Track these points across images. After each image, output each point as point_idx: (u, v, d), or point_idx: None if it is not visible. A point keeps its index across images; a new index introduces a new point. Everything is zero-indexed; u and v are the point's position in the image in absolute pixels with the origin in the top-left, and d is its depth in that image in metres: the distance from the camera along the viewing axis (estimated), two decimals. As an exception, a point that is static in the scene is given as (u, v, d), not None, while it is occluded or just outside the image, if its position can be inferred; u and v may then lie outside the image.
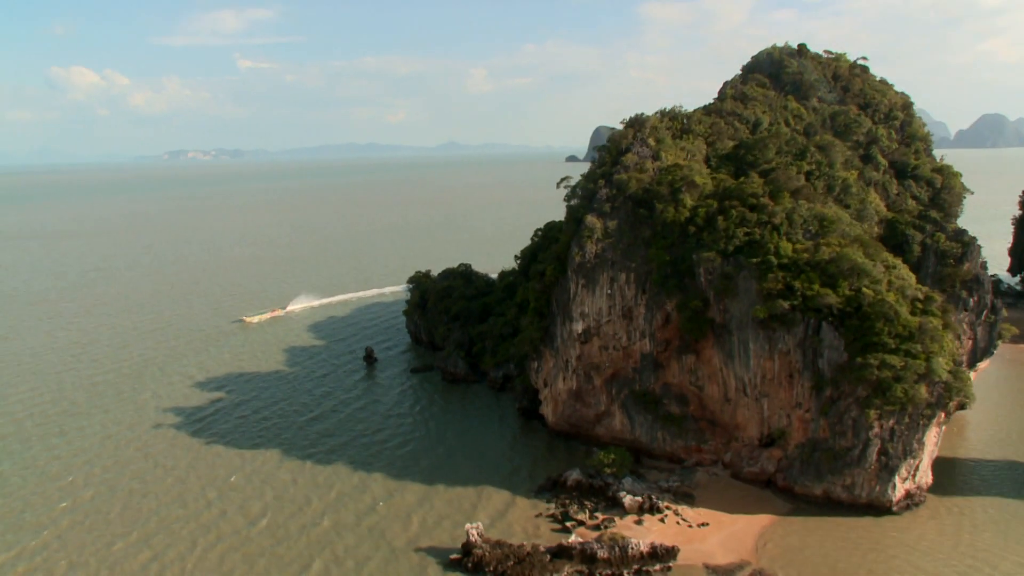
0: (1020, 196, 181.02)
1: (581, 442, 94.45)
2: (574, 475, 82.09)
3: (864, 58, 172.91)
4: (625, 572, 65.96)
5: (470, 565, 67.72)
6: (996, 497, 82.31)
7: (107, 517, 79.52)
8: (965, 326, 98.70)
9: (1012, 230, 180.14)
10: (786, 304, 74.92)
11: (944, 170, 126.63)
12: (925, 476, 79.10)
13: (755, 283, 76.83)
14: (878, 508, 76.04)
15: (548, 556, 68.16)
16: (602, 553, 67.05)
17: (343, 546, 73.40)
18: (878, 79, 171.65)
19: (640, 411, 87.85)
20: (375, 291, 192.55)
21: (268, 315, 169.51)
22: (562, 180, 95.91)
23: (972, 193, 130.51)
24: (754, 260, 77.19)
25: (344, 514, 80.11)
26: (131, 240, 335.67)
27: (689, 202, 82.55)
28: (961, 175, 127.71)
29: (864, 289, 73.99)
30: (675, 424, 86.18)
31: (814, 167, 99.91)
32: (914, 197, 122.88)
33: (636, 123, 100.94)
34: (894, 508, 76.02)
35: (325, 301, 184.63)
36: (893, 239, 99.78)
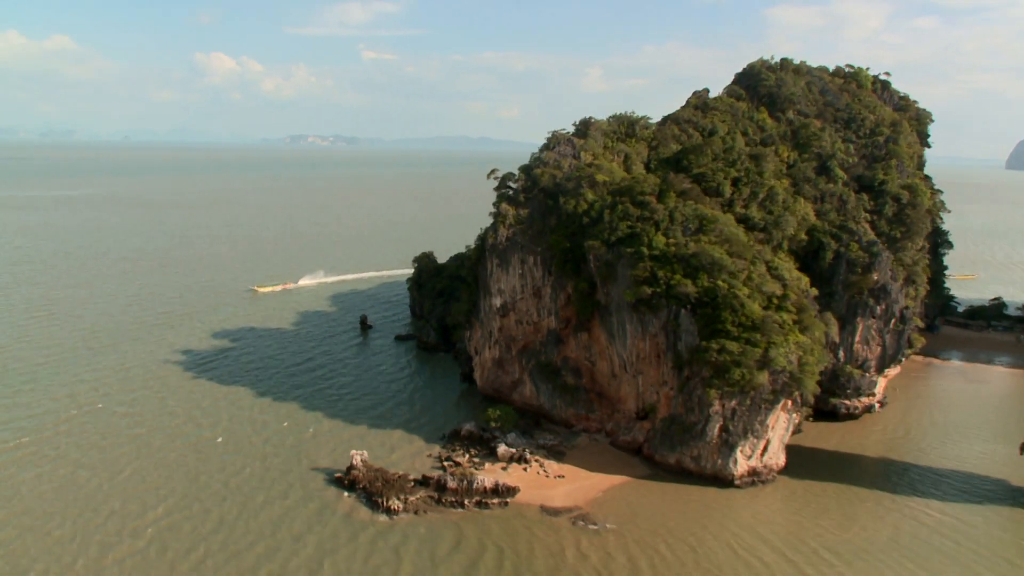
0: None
1: (503, 404, 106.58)
2: (468, 427, 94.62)
3: (887, 73, 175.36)
4: (467, 501, 78.12)
5: (347, 482, 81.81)
6: (861, 488, 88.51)
7: (109, 414, 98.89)
8: (874, 332, 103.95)
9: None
10: (649, 290, 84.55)
11: (913, 187, 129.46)
12: (776, 458, 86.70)
13: (629, 270, 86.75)
14: (722, 480, 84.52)
15: (412, 483, 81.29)
16: (451, 484, 79.51)
17: (268, 457, 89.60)
18: (900, 95, 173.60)
19: (543, 380, 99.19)
20: (398, 271, 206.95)
21: (279, 287, 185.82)
22: (491, 172, 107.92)
23: (948, 211, 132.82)
24: (629, 250, 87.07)
25: (284, 436, 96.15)
26: (222, 212, 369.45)
27: (590, 196, 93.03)
28: (928, 193, 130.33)
29: (719, 282, 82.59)
30: (570, 394, 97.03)
31: (742, 174, 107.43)
32: (874, 211, 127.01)
33: (584, 125, 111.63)
34: (737, 482, 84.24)
35: (340, 278, 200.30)
36: (811, 246, 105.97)
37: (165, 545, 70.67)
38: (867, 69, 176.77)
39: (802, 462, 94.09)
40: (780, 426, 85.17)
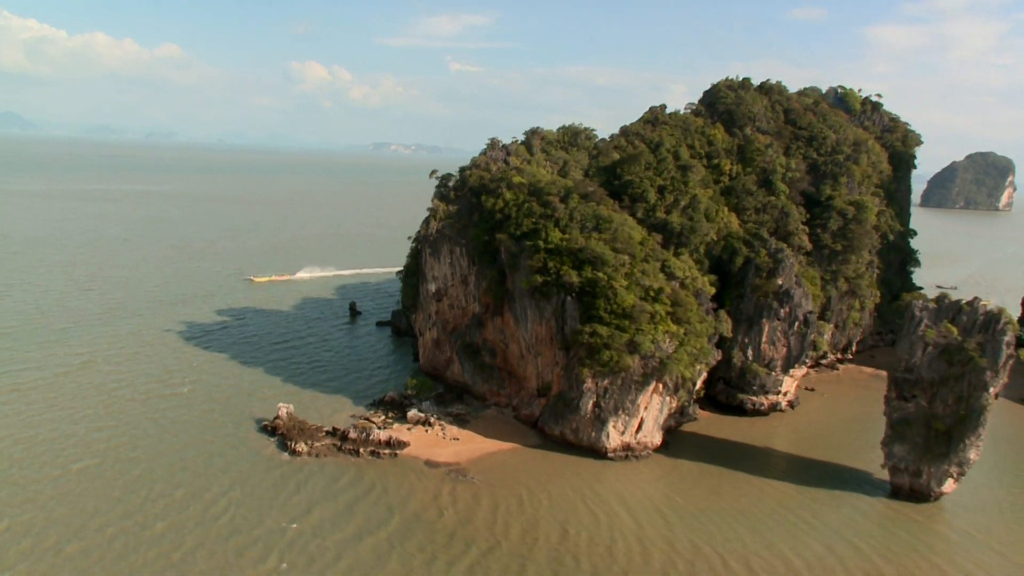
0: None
1: (440, 380, 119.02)
2: (391, 394, 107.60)
3: (879, 95, 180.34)
4: (362, 449, 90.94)
5: (270, 429, 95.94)
6: (735, 471, 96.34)
7: (100, 367, 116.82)
8: (779, 334, 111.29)
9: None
10: (540, 279, 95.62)
11: (859, 204, 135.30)
12: (650, 437, 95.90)
13: (527, 261, 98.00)
14: (597, 452, 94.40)
15: (322, 433, 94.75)
16: (352, 435, 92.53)
17: (218, 406, 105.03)
18: (890, 116, 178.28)
19: (467, 359, 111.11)
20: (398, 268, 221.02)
21: (276, 278, 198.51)
22: (432, 172, 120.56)
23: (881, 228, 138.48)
24: (529, 243, 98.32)
25: (241, 393, 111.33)
26: (283, 210, 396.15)
27: (507, 196, 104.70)
28: (875, 210, 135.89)
29: (599, 274, 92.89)
30: (487, 371, 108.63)
31: (668, 183, 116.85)
32: (819, 224, 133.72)
33: (531, 133, 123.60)
34: (610, 454, 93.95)
35: (338, 272, 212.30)
36: (726, 251, 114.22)
37: (109, 464, 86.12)
38: (859, 91, 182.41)
39: (689, 447, 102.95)
40: (654, 407, 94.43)
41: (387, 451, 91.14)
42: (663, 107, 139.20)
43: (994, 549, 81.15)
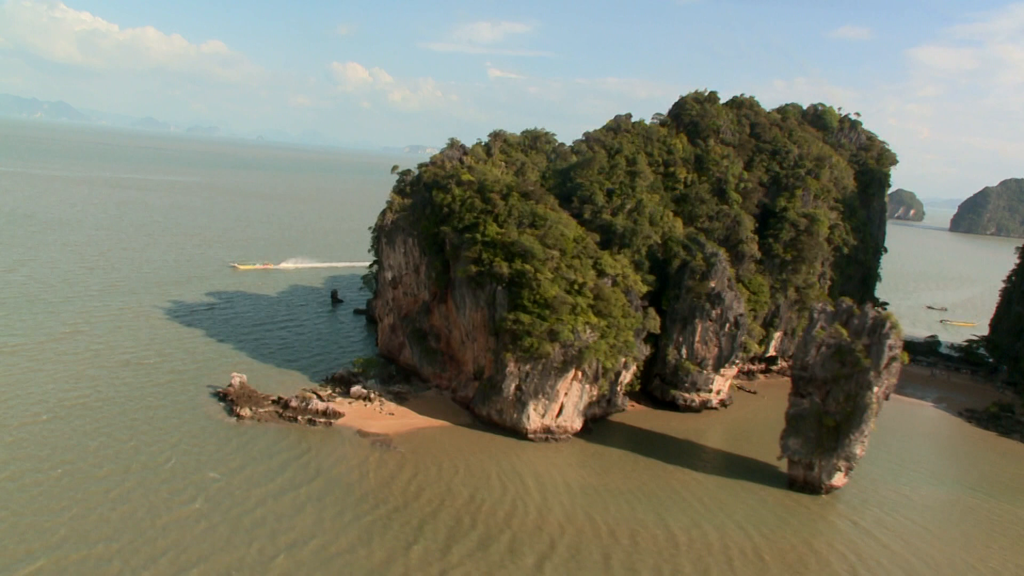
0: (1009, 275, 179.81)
1: (394, 363, 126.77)
2: (340, 371, 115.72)
3: (857, 113, 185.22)
4: (300, 417, 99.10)
5: (222, 395, 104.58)
6: (651, 458, 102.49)
7: (87, 336, 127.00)
8: (711, 334, 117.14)
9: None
10: (475, 269, 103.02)
11: (812, 216, 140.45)
12: (571, 421, 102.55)
13: (465, 252, 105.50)
14: (518, 432, 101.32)
15: (268, 401, 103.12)
16: (293, 403, 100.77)
17: (181, 375, 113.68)
18: (867, 135, 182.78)
19: (415, 343, 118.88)
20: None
21: (260, 266, 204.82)
22: (394, 167, 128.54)
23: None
24: (468, 236, 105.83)
25: (207, 365, 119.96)
26: (302, 206, 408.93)
27: (456, 192, 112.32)
28: (826, 223, 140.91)
29: (527, 266, 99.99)
30: (431, 355, 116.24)
31: (617, 187, 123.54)
32: (770, 235, 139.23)
33: (494, 135, 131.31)
34: (530, 435, 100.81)
35: (321, 264, 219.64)
36: (667, 253, 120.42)
37: (72, 419, 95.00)
38: (839, 109, 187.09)
39: (614, 435, 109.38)
40: (574, 393, 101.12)
41: (323, 420, 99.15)
42: (628, 116, 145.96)
43: (874, 537, 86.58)
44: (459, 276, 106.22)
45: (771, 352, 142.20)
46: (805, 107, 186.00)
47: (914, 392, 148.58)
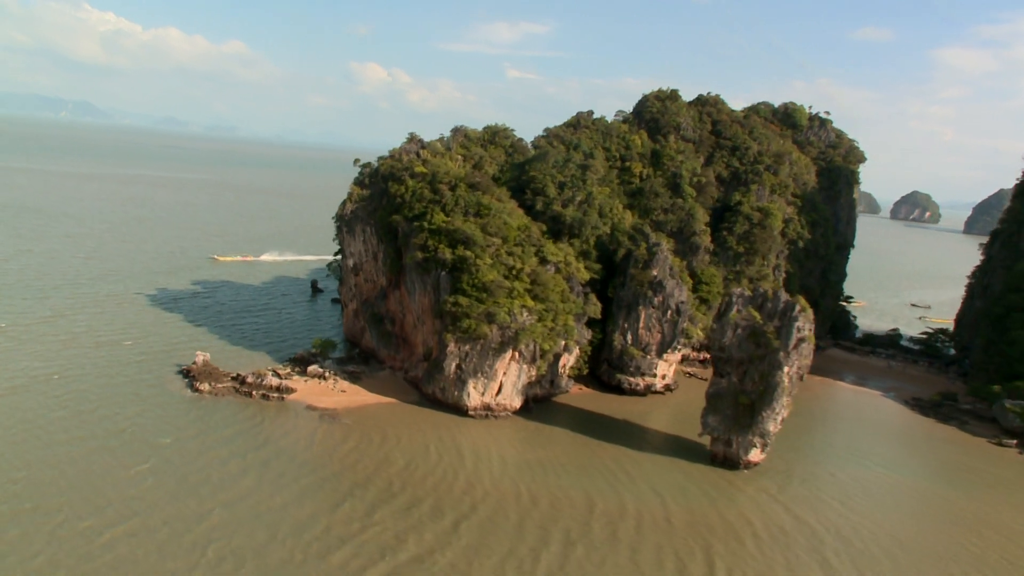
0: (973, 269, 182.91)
1: (356, 346, 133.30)
2: (300, 352, 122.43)
3: (827, 112, 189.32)
4: (254, 392, 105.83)
5: (186, 372, 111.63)
6: (587, 436, 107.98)
7: (72, 319, 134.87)
8: (654, 320, 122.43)
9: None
10: (421, 255, 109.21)
11: (766, 211, 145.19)
12: (510, 400, 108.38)
13: (413, 239, 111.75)
14: (459, 409, 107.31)
15: (227, 377, 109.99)
16: (249, 379, 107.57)
17: (152, 355, 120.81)
18: (837, 133, 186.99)
19: (374, 327, 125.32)
20: None
21: (239, 258, 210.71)
22: (356, 160, 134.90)
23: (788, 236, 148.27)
24: (416, 224, 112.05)
25: (179, 346, 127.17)
26: (304, 203, 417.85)
27: (409, 183, 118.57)
28: (779, 216, 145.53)
29: (467, 252, 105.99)
30: (387, 338, 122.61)
31: (568, 180, 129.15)
32: (724, 228, 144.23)
33: (455, 131, 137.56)
34: (470, 412, 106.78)
35: (300, 257, 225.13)
36: (613, 243, 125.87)
37: (39, 390, 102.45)
38: (809, 108, 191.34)
39: (555, 414, 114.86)
40: (512, 373, 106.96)
41: (276, 395, 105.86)
42: (590, 112, 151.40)
43: (786, 508, 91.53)
44: (408, 262, 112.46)
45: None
46: (805, 108, 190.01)
47: (868, 382, 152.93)
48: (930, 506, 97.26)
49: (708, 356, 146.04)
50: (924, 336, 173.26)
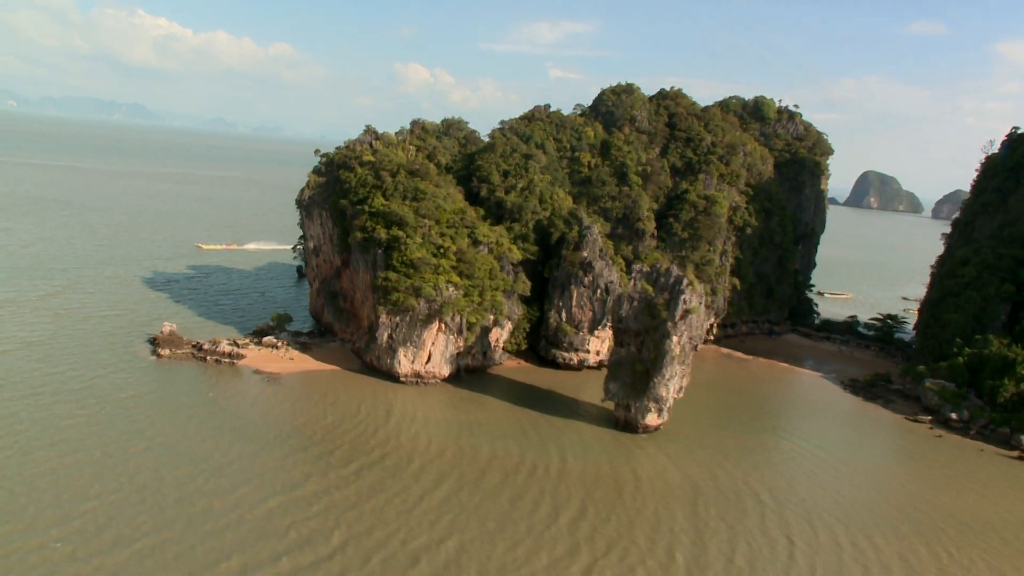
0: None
1: (320, 322, 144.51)
2: (260, 325, 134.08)
3: (796, 105, 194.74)
4: (208, 358, 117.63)
5: (152, 340, 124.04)
6: (512, 404, 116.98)
7: (68, 296, 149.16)
8: (585, 299, 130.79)
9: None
10: (361, 236, 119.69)
11: (711, 199, 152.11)
12: (438, 368, 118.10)
13: (355, 221, 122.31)
14: (392, 376, 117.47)
15: (187, 345, 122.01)
16: (205, 346, 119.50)
17: (127, 326, 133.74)
18: (805, 125, 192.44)
19: (329, 303, 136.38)
20: None
21: (223, 247, 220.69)
22: (316, 151, 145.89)
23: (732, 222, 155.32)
24: (359, 207, 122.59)
25: (151, 320, 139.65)
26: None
27: (359, 171, 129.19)
28: (725, 204, 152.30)
29: (399, 232, 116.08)
30: (341, 313, 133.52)
31: (511, 168, 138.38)
32: (671, 215, 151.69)
33: (414, 123, 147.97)
34: (402, 379, 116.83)
35: (286, 246, 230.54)
36: (551, 228, 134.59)
37: (22, 352, 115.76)
38: (780, 101, 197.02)
39: (485, 384, 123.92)
40: (439, 343, 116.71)
41: (227, 360, 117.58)
42: (547, 106, 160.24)
43: (674, 463, 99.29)
44: (352, 242, 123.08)
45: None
46: (775, 101, 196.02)
47: (815, 365, 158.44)
48: (817, 468, 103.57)
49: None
50: (875, 322, 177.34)
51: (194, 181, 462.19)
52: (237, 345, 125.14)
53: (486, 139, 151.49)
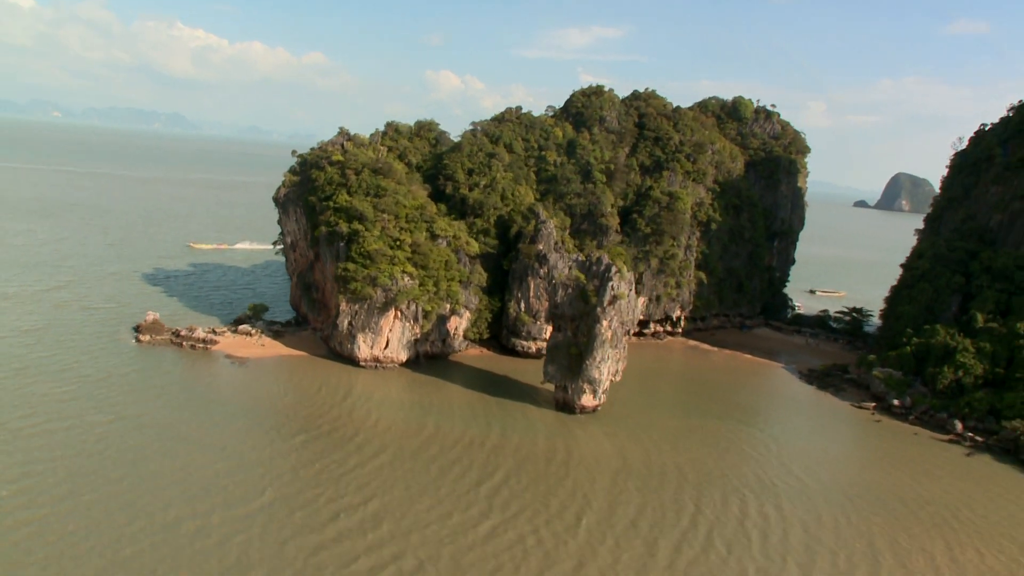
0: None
1: (299, 313, 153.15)
2: (240, 315, 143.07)
3: (773, 105, 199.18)
4: (184, 343, 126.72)
5: (136, 327, 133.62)
6: (465, 388, 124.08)
7: (72, 287, 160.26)
8: (542, 290, 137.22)
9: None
10: (325, 229, 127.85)
11: (674, 195, 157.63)
12: (396, 353, 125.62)
13: (320, 216, 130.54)
14: (353, 360, 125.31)
15: (168, 331, 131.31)
16: (183, 333, 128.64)
17: (117, 313, 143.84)
18: (783, 125, 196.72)
19: (304, 295, 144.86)
20: None
21: (214, 246, 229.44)
22: (293, 152, 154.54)
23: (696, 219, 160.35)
24: (325, 203, 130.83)
25: (141, 310, 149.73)
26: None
27: (328, 170, 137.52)
28: (688, 201, 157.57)
29: (359, 226, 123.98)
30: (314, 304, 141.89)
31: (476, 166, 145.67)
32: (635, 211, 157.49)
33: (388, 125, 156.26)
34: (361, 363, 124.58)
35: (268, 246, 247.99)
36: (510, 221, 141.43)
37: (16, 337, 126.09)
38: (758, 101, 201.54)
39: (444, 369, 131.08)
40: (396, 330, 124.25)
41: (201, 345, 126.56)
42: (518, 108, 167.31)
43: (607, 440, 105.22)
44: (319, 235, 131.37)
45: (639, 316, 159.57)
46: (752, 102, 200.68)
47: (780, 357, 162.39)
48: (750, 448, 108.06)
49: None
50: (841, 316, 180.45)
51: (218, 186, 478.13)
52: (215, 333, 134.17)
53: (457, 139, 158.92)
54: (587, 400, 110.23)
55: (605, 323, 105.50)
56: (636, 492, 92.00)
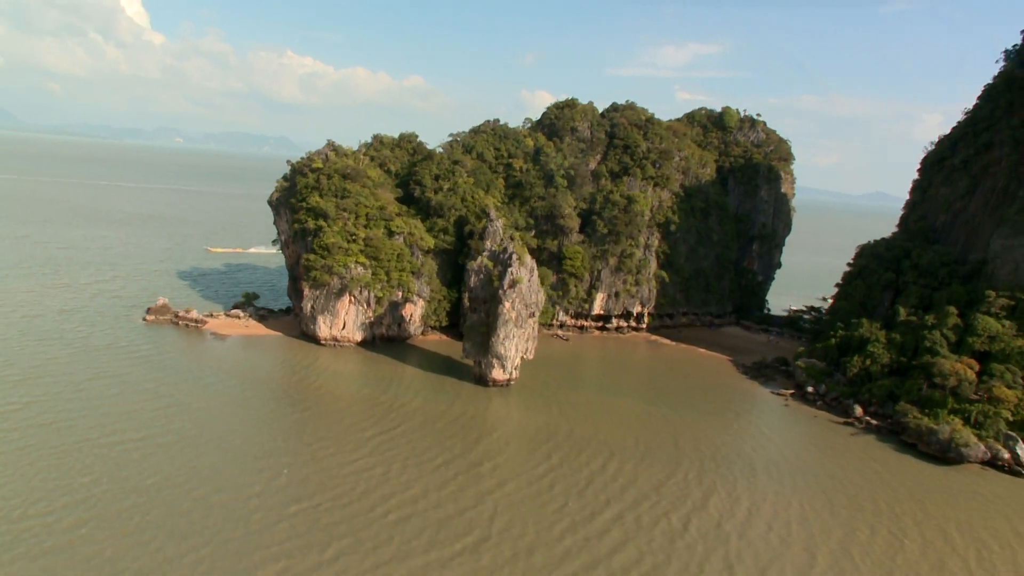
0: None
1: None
2: (236, 301, 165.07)
3: (758, 114, 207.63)
4: (180, 322, 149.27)
5: (147, 309, 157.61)
6: (412, 367, 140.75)
7: (81, 283, 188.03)
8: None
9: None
10: (298, 226, 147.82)
11: (632, 199, 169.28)
12: (352, 334, 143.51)
13: (294, 215, 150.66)
14: (315, 339, 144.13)
15: (171, 313, 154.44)
16: (181, 314, 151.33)
17: (128, 304, 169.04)
18: (768, 132, 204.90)
19: (292, 285, 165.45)
20: None
21: (230, 250, 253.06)
22: (288, 161, 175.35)
23: (650, 218, 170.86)
24: (301, 204, 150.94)
25: (154, 297, 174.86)
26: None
27: (309, 176, 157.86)
28: (647, 205, 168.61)
29: (321, 223, 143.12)
30: (296, 293, 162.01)
31: (442, 172, 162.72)
32: (595, 213, 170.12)
33: (375, 137, 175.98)
34: (321, 341, 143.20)
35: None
36: (467, 221, 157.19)
37: (50, 316, 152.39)
38: (744, 111, 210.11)
39: (401, 351, 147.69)
40: (352, 313, 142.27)
41: (194, 324, 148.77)
42: (496, 120, 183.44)
43: (512, 406, 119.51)
44: (294, 231, 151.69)
45: (597, 311, 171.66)
46: (739, 112, 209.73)
47: (733, 352, 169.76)
48: (648, 421, 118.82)
49: (585, 324, 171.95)
50: (800, 313, 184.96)
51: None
52: (211, 316, 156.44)
53: (439, 149, 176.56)
54: (497, 374, 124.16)
55: (507, 304, 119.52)
56: (506, 444, 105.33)
